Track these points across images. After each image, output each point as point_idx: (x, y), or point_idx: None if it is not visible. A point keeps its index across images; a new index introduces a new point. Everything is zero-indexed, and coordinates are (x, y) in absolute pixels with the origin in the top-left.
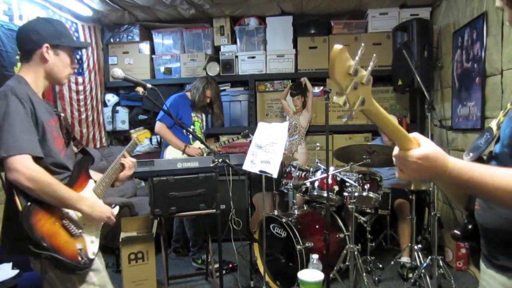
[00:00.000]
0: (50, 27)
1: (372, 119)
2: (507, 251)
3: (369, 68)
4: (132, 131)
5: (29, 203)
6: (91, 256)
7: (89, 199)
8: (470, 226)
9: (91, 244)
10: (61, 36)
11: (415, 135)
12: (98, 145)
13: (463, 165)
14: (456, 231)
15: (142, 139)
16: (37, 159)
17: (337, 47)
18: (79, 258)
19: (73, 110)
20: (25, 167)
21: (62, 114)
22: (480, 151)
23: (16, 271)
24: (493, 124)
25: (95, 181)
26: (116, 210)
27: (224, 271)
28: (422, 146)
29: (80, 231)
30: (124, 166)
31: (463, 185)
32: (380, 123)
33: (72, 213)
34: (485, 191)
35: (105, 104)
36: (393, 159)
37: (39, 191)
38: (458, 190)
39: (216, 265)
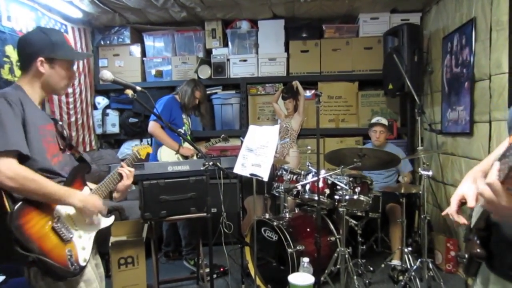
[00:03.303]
0: (45, 39)
1: None
2: None
3: None
4: (135, 145)
5: (19, 203)
6: (82, 263)
7: (80, 193)
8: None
9: (82, 250)
10: (56, 49)
11: None
12: (88, 149)
13: None
14: (479, 250)
15: (144, 154)
16: (23, 159)
17: None
18: (69, 264)
19: (62, 113)
20: (6, 166)
21: (60, 122)
22: None
23: (3, 277)
24: None
25: (91, 189)
26: (111, 219)
27: (215, 275)
28: None
29: (71, 236)
30: (122, 176)
31: None
32: None
33: (63, 216)
34: None
35: (95, 107)
36: (484, 192)
37: (22, 189)
38: None
39: (207, 269)
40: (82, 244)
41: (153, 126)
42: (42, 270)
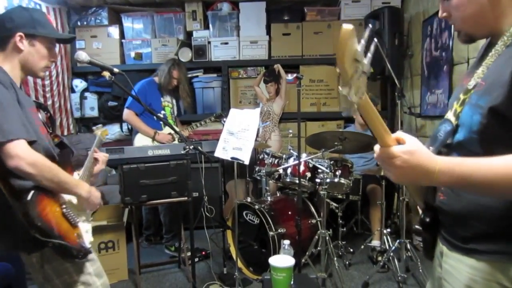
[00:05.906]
0: (26, 15)
1: (364, 113)
2: (477, 235)
3: (369, 54)
4: (94, 128)
5: (32, 192)
6: (88, 245)
7: (86, 184)
8: (428, 219)
9: (86, 233)
10: (37, 25)
11: (399, 134)
12: (65, 133)
13: (451, 160)
14: (417, 227)
15: (104, 136)
16: (30, 144)
17: (348, 27)
18: (80, 246)
19: (38, 96)
20: (24, 152)
21: (43, 105)
22: (439, 143)
23: None
24: (449, 115)
25: (78, 174)
26: None
27: (197, 259)
28: (407, 142)
29: (77, 220)
30: (98, 160)
31: (454, 181)
32: (369, 117)
33: (67, 202)
34: (483, 183)
35: (72, 90)
36: (377, 159)
37: (40, 176)
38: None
39: (189, 253)
40: (85, 227)
41: (126, 114)
42: (60, 253)
